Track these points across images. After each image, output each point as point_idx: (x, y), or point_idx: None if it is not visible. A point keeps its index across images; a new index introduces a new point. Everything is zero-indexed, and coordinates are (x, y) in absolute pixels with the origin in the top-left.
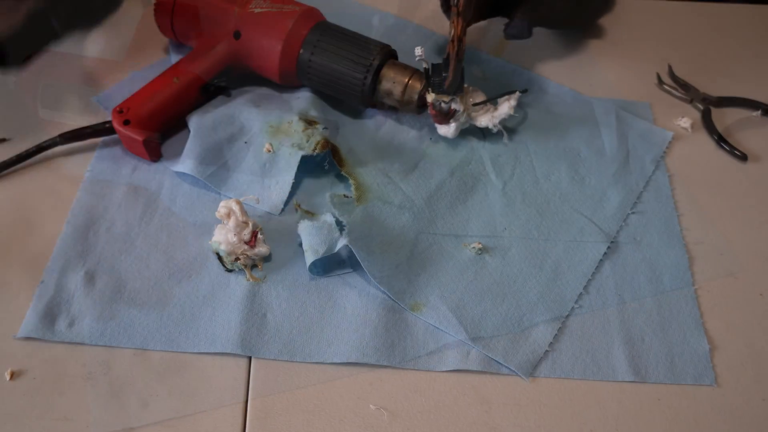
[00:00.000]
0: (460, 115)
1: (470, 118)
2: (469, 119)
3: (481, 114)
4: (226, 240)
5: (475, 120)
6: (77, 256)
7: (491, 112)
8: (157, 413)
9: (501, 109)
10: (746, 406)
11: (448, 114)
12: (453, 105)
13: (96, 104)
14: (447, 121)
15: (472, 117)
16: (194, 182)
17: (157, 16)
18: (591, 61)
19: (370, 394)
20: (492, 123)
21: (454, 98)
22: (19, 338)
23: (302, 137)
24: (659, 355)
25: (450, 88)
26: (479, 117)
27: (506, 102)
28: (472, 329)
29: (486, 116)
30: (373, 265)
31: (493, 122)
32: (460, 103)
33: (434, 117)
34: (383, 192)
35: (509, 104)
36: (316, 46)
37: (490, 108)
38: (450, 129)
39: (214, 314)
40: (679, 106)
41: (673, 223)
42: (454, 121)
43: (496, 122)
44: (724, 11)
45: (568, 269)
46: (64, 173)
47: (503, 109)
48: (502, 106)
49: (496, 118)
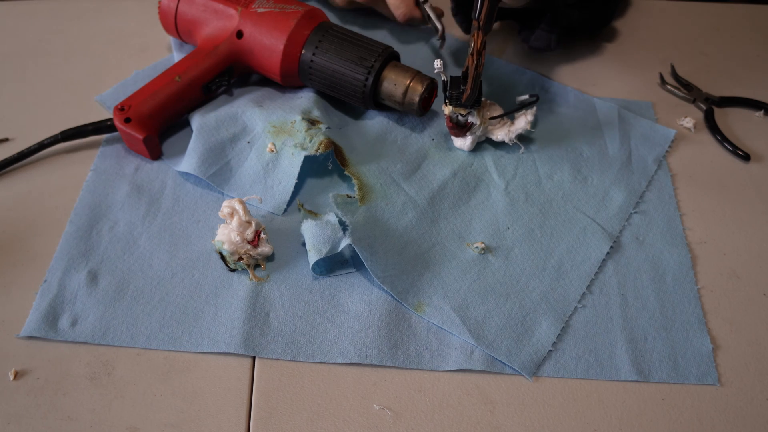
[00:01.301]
0: (477, 129)
1: (486, 132)
2: (485, 132)
3: (498, 128)
4: (229, 239)
5: (491, 133)
6: (80, 256)
7: (508, 126)
8: (161, 413)
9: (518, 124)
10: (750, 406)
11: (465, 127)
12: (470, 118)
13: (99, 102)
14: (463, 134)
15: (488, 131)
16: (197, 182)
17: (161, 15)
18: (593, 61)
19: (374, 393)
20: (508, 138)
21: (471, 112)
22: (22, 338)
23: (305, 137)
24: (662, 354)
25: (468, 101)
26: (495, 131)
27: (523, 116)
28: (476, 329)
29: (502, 130)
30: (376, 265)
31: (510, 137)
32: (477, 116)
33: (450, 129)
34: (386, 192)
35: (526, 119)
36: (318, 46)
37: (507, 122)
38: (466, 142)
39: (217, 314)
40: (682, 105)
41: (675, 223)
42: (471, 134)
43: (512, 137)
44: (726, 11)
45: (571, 269)
46: (66, 171)
47: (520, 124)
48: (519, 120)
49: (513, 132)
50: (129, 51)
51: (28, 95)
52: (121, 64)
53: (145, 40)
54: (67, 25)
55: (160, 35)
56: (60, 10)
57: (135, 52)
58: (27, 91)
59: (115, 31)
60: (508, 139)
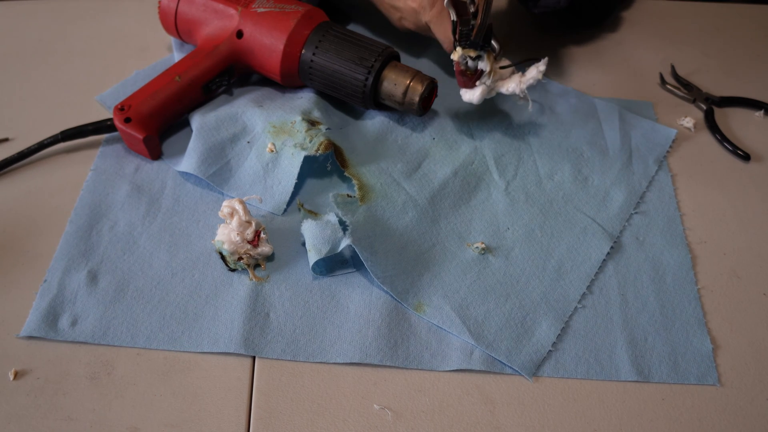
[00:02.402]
0: (486, 78)
1: (495, 85)
2: (494, 85)
3: (508, 80)
4: (229, 239)
5: (501, 87)
6: (80, 255)
7: (519, 77)
8: (161, 413)
9: (529, 74)
10: (750, 406)
11: (475, 74)
12: (480, 64)
13: (99, 102)
14: (472, 84)
15: (497, 84)
16: (197, 182)
17: (161, 15)
18: (594, 61)
19: (374, 393)
20: (519, 89)
21: (481, 55)
22: (22, 337)
23: (305, 137)
24: (662, 354)
25: (477, 36)
26: (506, 83)
27: (534, 68)
28: (475, 329)
29: (513, 82)
30: (376, 265)
31: (521, 87)
32: (487, 61)
33: (459, 77)
34: (387, 192)
35: (537, 69)
36: (318, 46)
37: (517, 74)
38: (475, 93)
39: (217, 314)
40: (682, 105)
41: (676, 223)
42: (480, 83)
43: (523, 88)
44: (726, 11)
45: (571, 269)
46: (66, 171)
47: (531, 74)
48: (530, 71)
49: (524, 83)
50: (129, 51)
51: (28, 95)
52: (121, 64)
53: (145, 40)
54: (67, 25)
55: (160, 35)
56: (60, 10)
57: (135, 52)
58: (27, 91)
59: (115, 31)
60: (519, 90)
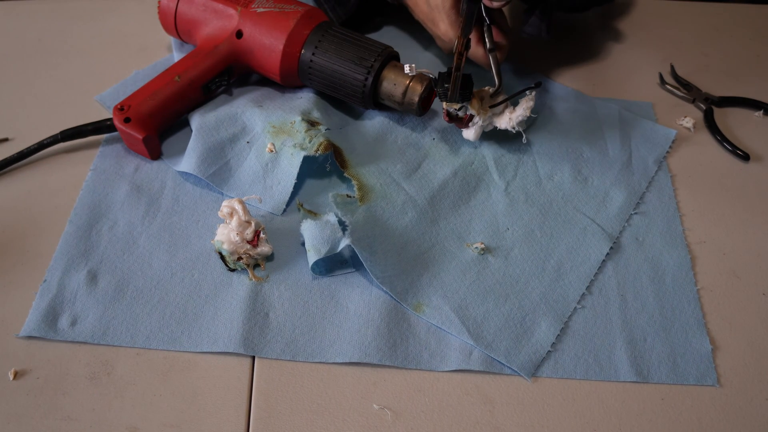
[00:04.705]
0: (479, 119)
1: (491, 121)
2: (490, 121)
3: (500, 116)
4: (228, 239)
5: (495, 122)
6: (80, 255)
7: (509, 113)
8: (161, 413)
9: (517, 111)
10: (749, 407)
11: (464, 119)
12: (468, 111)
13: (98, 102)
14: (466, 126)
15: (492, 119)
16: (197, 181)
17: (160, 15)
18: (593, 62)
19: (373, 393)
20: (509, 125)
21: (464, 106)
22: (22, 337)
23: (304, 137)
24: (662, 355)
25: (452, 97)
26: (498, 119)
27: (523, 102)
28: (475, 329)
29: (504, 119)
30: (376, 265)
31: (511, 124)
32: (474, 108)
33: (448, 122)
34: (386, 192)
35: (526, 105)
36: (317, 46)
37: (508, 108)
38: (471, 132)
39: (216, 314)
40: (682, 105)
41: (675, 224)
42: (473, 125)
43: (513, 124)
44: (726, 11)
45: (570, 269)
46: (66, 171)
47: (519, 111)
48: (519, 107)
49: (513, 120)
50: (129, 51)
51: (28, 95)
52: (121, 64)
53: (145, 40)
54: (67, 25)
55: (160, 35)
56: (60, 10)
57: (135, 52)
58: (27, 91)
59: (115, 31)
60: (510, 127)
